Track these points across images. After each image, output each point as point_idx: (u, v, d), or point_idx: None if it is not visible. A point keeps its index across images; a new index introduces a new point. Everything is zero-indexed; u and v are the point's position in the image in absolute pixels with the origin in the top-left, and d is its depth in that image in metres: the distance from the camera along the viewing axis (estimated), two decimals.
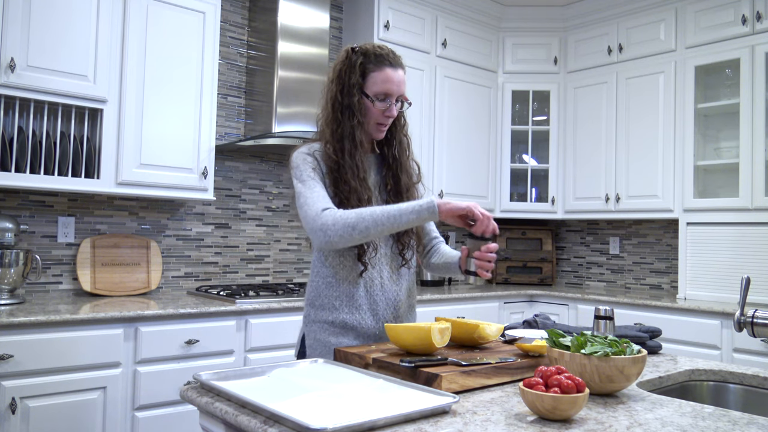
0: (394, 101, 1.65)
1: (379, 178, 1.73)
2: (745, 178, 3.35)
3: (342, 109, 1.63)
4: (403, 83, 1.66)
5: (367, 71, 1.64)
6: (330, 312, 1.65)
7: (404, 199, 1.68)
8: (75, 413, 2.28)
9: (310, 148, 1.67)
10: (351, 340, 1.65)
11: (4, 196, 2.76)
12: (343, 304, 1.65)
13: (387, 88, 1.63)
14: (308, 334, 1.70)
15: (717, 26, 3.53)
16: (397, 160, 1.72)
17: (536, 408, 1.07)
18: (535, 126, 4.39)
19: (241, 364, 2.70)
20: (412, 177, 1.75)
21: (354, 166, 1.61)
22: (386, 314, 1.68)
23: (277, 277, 3.62)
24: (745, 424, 1.08)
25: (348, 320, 1.64)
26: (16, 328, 2.17)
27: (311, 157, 1.65)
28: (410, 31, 3.84)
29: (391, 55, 1.66)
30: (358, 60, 1.64)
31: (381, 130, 1.68)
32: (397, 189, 1.71)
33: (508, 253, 4.40)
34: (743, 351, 3.01)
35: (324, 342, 1.65)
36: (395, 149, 1.72)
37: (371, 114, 1.65)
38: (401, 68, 1.67)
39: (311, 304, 1.70)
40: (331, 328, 1.65)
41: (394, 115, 1.66)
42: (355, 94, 1.63)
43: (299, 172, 1.62)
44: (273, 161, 3.61)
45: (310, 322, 1.70)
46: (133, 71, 2.78)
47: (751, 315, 1.44)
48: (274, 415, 1.01)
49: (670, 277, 3.99)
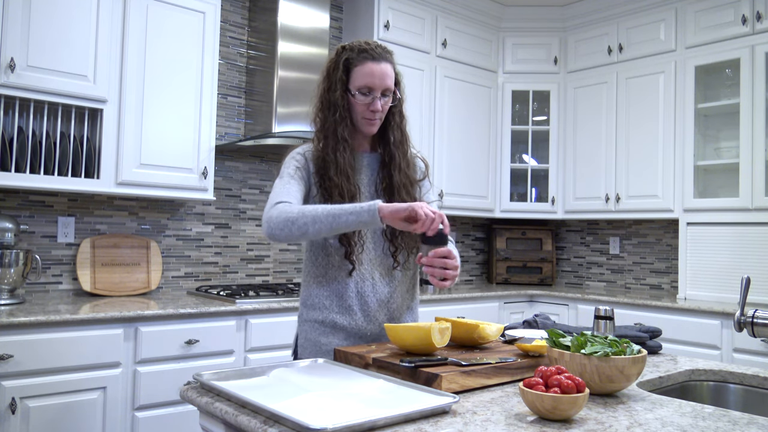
0: (378, 95, 1.61)
1: (374, 176, 1.71)
2: (745, 178, 3.35)
3: (328, 106, 1.64)
4: (387, 77, 1.62)
5: (351, 66, 1.62)
6: (320, 311, 1.65)
7: (397, 198, 1.65)
8: (75, 413, 2.28)
9: (304, 148, 1.68)
10: (341, 340, 1.64)
11: (4, 196, 2.76)
12: (333, 303, 1.65)
13: (369, 81, 1.60)
14: (300, 334, 1.71)
15: (717, 26, 3.53)
16: (392, 158, 1.69)
17: (536, 408, 1.07)
18: (535, 126, 4.39)
19: (241, 364, 2.70)
20: (409, 174, 1.70)
21: (335, 161, 1.60)
22: (378, 315, 1.66)
23: (277, 277, 3.62)
24: (745, 424, 1.08)
25: (338, 320, 1.64)
26: (16, 328, 2.17)
27: (301, 156, 1.65)
28: (410, 31, 3.84)
29: (377, 49, 1.63)
30: (343, 56, 1.64)
31: (370, 124, 1.65)
32: (390, 187, 1.67)
33: (508, 253, 4.40)
34: (743, 351, 3.01)
35: (314, 341, 1.65)
36: (390, 146, 1.69)
37: (356, 109, 1.63)
38: (386, 62, 1.63)
39: (303, 304, 1.71)
40: (321, 327, 1.65)
41: (378, 108, 1.62)
42: (339, 89, 1.62)
43: (282, 168, 1.65)
44: (273, 161, 3.60)
45: (303, 321, 1.70)
46: (133, 71, 2.78)
47: (751, 315, 1.44)
48: (274, 415, 1.01)
49: (670, 277, 3.99)
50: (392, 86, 1.64)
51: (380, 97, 1.62)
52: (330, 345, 1.63)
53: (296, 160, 1.65)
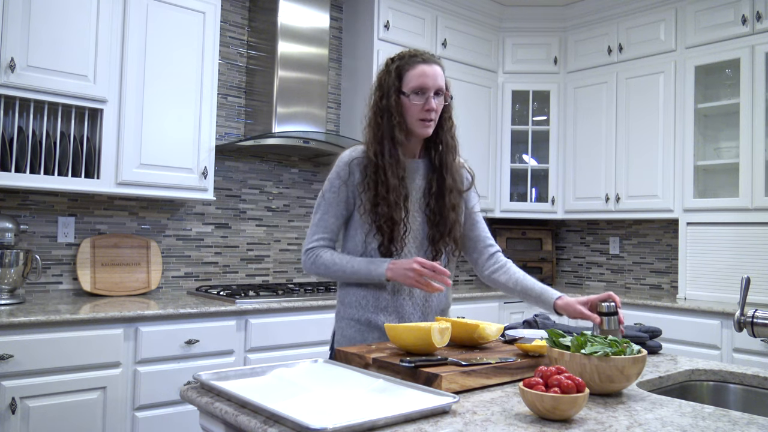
0: (432, 95, 1.65)
1: (424, 182, 1.74)
2: (745, 178, 3.35)
3: (382, 113, 1.67)
4: (439, 77, 1.67)
5: (403, 72, 1.67)
6: (356, 310, 1.70)
7: (446, 203, 1.70)
8: (75, 413, 2.28)
9: (352, 154, 1.72)
10: (376, 338, 1.68)
11: (4, 196, 2.76)
12: (369, 303, 1.69)
13: (422, 81, 1.64)
14: (338, 330, 1.75)
15: (717, 26, 3.53)
16: (443, 162, 1.73)
17: (536, 408, 1.07)
18: (535, 126, 4.39)
19: (241, 364, 2.70)
20: (458, 182, 1.74)
21: (392, 164, 1.64)
22: (413, 317, 1.71)
23: (277, 277, 3.62)
24: (745, 424, 1.08)
25: (372, 319, 1.68)
26: (16, 328, 2.17)
27: (347, 168, 1.69)
28: (410, 31, 3.84)
29: (425, 54, 1.70)
30: (394, 65, 1.69)
31: (425, 125, 1.68)
32: (441, 191, 1.71)
33: (508, 253, 4.39)
34: (743, 351, 3.01)
35: (350, 338, 1.70)
36: (441, 151, 1.73)
37: (410, 111, 1.66)
38: (437, 64, 1.69)
39: (341, 301, 1.76)
40: (357, 325, 1.70)
41: (433, 107, 1.66)
42: (393, 95, 1.66)
43: (327, 185, 1.73)
44: (273, 161, 3.61)
45: (340, 318, 1.75)
46: (133, 71, 2.78)
47: (751, 315, 1.44)
48: (274, 415, 1.01)
49: (670, 277, 3.99)
50: (444, 86, 1.69)
51: (433, 97, 1.66)
52: (366, 342, 1.68)
53: (340, 176, 1.70)
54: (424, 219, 1.73)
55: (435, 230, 1.71)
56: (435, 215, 1.71)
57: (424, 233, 1.73)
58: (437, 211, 1.71)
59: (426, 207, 1.72)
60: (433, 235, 1.72)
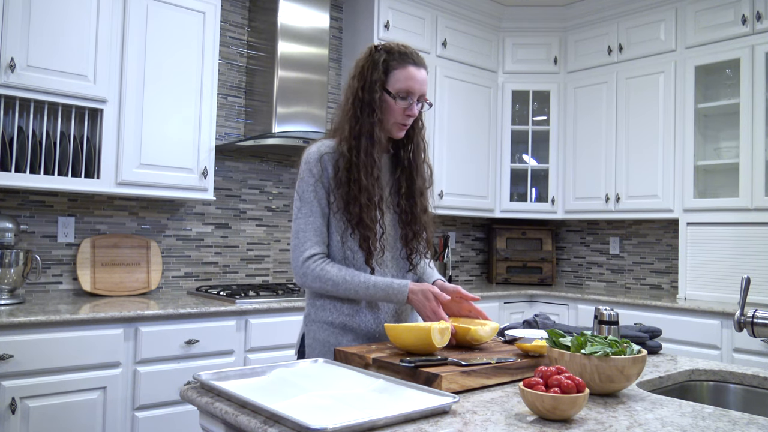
0: (415, 100, 1.63)
1: (392, 179, 1.71)
2: (745, 178, 3.35)
3: (362, 105, 1.61)
4: (425, 83, 1.65)
5: (390, 68, 1.63)
6: (330, 312, 1.65)
7: (417, 202, 1.68)
8: (75, 413, 2.28)
9: (320, 149, 1.65)
10: (350, 341, 1.64)
11: (4, 196, 2.76)
12: (344, 305, 1.64)
13: (409, 85, 1.62)
14: (308, 334, 1.69)
15: (717, 26, 3.53)
16: (412, 163, 1.70)
17: (536, 408, 1.07)
18: (535, 126, 4.39)
19: (241, 364, 2.70)
20: (426, 180, 1.73)
21: (368, 163, 1.59)
22: (387, 317, 1.67)
23: (277, 277, 3.62)
24: (745, 424, 1.08)
25: (348, 321, 1.64)
26: (16, 328, 2.17)
27: (318, 164, 1.62)
28: (410, 31, 3.84)
29: (414, 54, 1.66)
30: (381, 57, 1.63)
31: (401, 129, 1.66)
32: (411, 192, 1.69)
33: (508, 253, 4.40)
34: (743, 351, 3.01)
35: (323, 341, 1.65)
36: (411, 152, 1.70)
37: (392, 112, 1.63)
38: (424, 68, 1.66)
39: (312, 304, 1.69)
40: (331, 328, 1.65)
41: (415, 114, 1.64)
42: (377, 90, 1.61)
43: (302, 185, 1.63)
44: (273, 161, 3.61)
45: (311, 321, 1.69)
46: (133, 71, 2.78)
47: (751, 315, 1.44)
48: (274, 415, 1.01)
49: (670, 277, 3.99)
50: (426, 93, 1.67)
51: (416, 103, 1.64)
52: (339, 345, 1.63)
53: (313, 173, 1.62)
54: (394, 218, 1.70)
55: (408, 229, 1.68)
56: (407, 215, 1.68)
57: (396, 233, 1.69)
58: (408, 210, 1.68)
59: (396, 206, 1.69)
60: (406, 235, 1.69)
